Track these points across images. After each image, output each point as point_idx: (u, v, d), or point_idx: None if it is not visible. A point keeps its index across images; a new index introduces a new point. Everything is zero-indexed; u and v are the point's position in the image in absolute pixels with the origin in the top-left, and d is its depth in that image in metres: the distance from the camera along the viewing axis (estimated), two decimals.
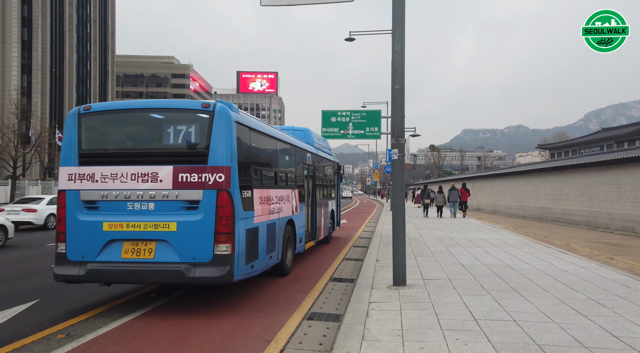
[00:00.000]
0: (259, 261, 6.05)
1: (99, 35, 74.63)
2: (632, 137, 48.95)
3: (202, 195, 5.17)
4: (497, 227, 14.88)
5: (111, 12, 79.20)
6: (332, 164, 12.23)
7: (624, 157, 20.40)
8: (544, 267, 7.26)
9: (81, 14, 68.89)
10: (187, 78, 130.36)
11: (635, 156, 19.63)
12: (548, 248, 9.59)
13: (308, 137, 10.39)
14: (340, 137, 29.37)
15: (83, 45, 69.68)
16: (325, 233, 10.98)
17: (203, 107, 5.36)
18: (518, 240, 11.11)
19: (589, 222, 23.29)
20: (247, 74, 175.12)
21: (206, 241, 5.10)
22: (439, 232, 12.95)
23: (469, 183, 46.48)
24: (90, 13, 71.38)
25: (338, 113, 29.01)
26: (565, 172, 26.34)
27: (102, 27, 76.23)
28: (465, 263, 7.73)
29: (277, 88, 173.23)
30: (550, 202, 28.07)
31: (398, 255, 6.07)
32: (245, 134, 5.89)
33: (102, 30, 76.27)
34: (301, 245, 8.72)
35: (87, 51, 70.62)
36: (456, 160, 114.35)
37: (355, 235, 13.56)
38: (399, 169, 6.22)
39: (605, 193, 22.18)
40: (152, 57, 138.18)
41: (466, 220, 18.17)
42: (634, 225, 19.94)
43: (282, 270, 7.42)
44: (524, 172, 32.72)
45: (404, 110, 6.22)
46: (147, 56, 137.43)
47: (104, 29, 77.08)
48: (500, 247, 9.86)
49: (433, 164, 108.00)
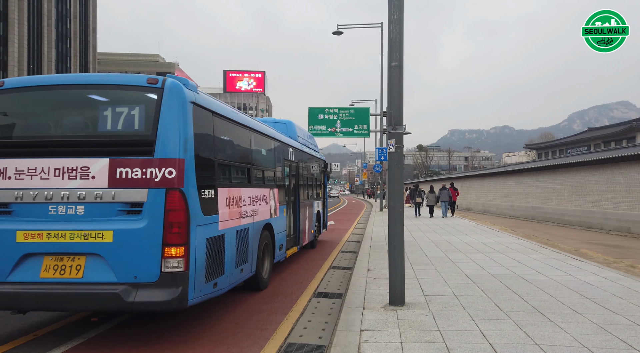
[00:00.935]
0: (225, 277, 4.91)
1: (79, 31, 72.20)
2: (618, 136, 49.05)
3: (146, 195, 4.01)
4: (494, 229, 13.95)
5: (92, 8, 76.74)
6: (318, 161, 11.15)
7: (619, 155, 19.78)
8: (563, 279, 6.26)
9: (60, 9, 66.49)
10: None
11: (630, 154, 19.00)
12: (557, 254, 8.63)
13: (291, 131, 9.27)
14: (327, 135, 28.28)
15: (62, 41, 67.26)
16: (310, 237, 9.88)
17: (149, 83, 4.19)
18: (521, 244, 10.15)
19: (582, 222, 22.68)
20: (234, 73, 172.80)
21: (151, 255, 3.94)
22: (434, 235, 11.95)
23: (457, 183, 45.88)
24: (70, 8, 68.94)
25: (326, 110, 27.91)
26: (557, 171, 25.74)
27: (82, 22, 73.78)
28: (471, 274, 6.69)
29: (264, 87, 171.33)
30: (541, 202, 27.48)
31: (396, 269, 4.98)
32: (207, 120, 4.73)
33: (82, 26, 73.81)
34: (281, 253, 7.58)
35: (66, 47, 68.18)
36: (444, 160, 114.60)
37: (344, 239, 12.48)
38: (397, 163, 5.13)
39: (599, 192, 21.57)
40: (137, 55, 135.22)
41: (460, 222, 17.24)
42: (630, 225, 19.32)
43: (257, 284, 6.27)
44: (514, 172, 32.13)
45: (402, 93, 5.14)
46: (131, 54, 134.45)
47: (84, 24, 74.62)
48: (505, 252, 8.87)
49: (421, 164, 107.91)
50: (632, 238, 17.93)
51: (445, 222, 17.05)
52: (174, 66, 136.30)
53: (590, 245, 14.44)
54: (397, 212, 5.07)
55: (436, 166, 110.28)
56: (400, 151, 5.15)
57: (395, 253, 5.03)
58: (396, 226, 5.06)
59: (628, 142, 43.10)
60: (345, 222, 19.14)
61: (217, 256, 4.70)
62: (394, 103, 5.12)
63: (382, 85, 24.99)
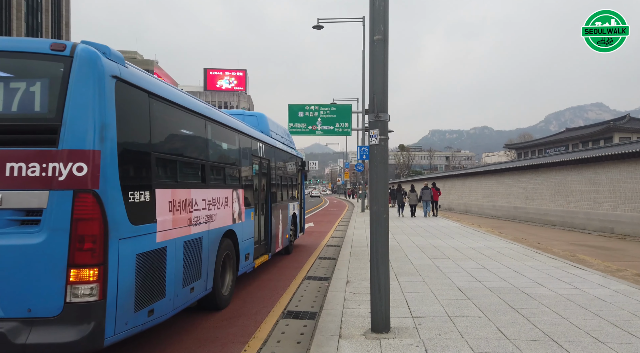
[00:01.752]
0: (167, 300, 3.90)
1: (51, 26, 69.12)
2: (595, 137, 49.74)
3: (46, 200, 2.97)
4: (480, 231, 13.24)
5: (65, 2, 73.61)
6: (294, 159, 10.20)
7: (602, 154, 19.50)
8: (570, 293, 5.47)
9: (31, 2, 63.38)
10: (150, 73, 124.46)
11: (614, 154, 18.73)
12: (554, 260, 7.90)
13: (262, 125, 8.27)
14: (308, 133, 27.31)
15: (33, 36, 64.23)
16: (284, 242, 8.91)
17: (54, 49, 3.14)
18: (512, 248, 9.42)
19: (564, 222, 22.41)
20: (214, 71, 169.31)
21: (52, 280, 2.92)
22: (419, 239, 11.13)
23: (439, 183, 45.57)
24: (41, 1, 65.84)
25: (306, 107, 26.94)
26: (539, 171, 25.48)
27: (55, 16, 70.67)
28: (464, 287, 5.84)
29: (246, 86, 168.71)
30: (523, 202, 27.23)
31: (380, 290, 4.06)
32: (139, 102, 3.70)
33: (55, 20, 70.72)
34: (248, 263, 6.58)
35: None
36: (425, 160, 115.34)
37: (323, 243, 11.55)
38: (381, 159, 4.21)
39: (581, 192, 21.30)
40: None
41: (444, 223, 16.53)
42: (613, 225, 19.05)
43: (215, 303, 5.26)
44: (496, 171, 31.88)
45: (387, 73, 4.23)
46: None
47: (57, 18, 71.51)
48: (497, 259, 8.09)
49: (403, 164, 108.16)
50: (617, 238, 17.60)
51: (429, 224, 16.32)
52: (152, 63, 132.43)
53: (577, 246, 13.99)
54: (382, 219, 4.15)
55: (418, 166, 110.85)
56: (385, 144, 4.24)
57: (379, 270, 4.10)
58: (380, 236, 4.13)
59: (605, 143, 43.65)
60: (326, 224, 18.22)
61: (154, 275, 3.69)
62: (377, 85, 4.20)
63: (363, 83, 24.20)
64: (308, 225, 17.09)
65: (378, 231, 4.13)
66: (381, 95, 4.20)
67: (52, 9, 69.00)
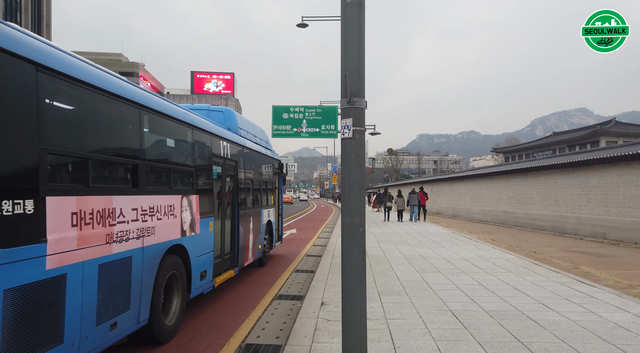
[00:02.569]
0: (66, 348, 2.88)
1: (30, 26, 67.06)
2: (582, 141, 49.87)
3: None
4: (472, 239, 12.39)
5: (46, 2, 71.63)
6: (269, 161, 9.23)
7: (594, 158, 18.95)
8: (585, 319, 4.58)
9: (9, 0, 61.42)
10: (136, 76, 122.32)
11: (605, 157, 18.18)
12: (556, 274, 7.05)
13: (230, 122, 7.28)
14: (292, 135, 26.34)
15: None
16: (257, 254, 7.90)
17: None
18: (508, 259, 8.57)
19: (555, 227, 21.82)
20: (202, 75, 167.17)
21: None
22: (406, 248, 10.23)
23: (428, 187, 44.99)
24: (20, 1, 63.86)
25: (291, 109, 25.98)
26: (528, 175, 24.92)
27: (35, 16, 68.64)
28: (459, 311, 4.92)
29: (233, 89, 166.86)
30: (513, 206, 26.65)
31: (353, 326, 3.09)
32: (17, 75, 2.69)
33: (35, 20, 68.68)
34: (205, 283, 5.56)
35: None
36: (413, 164, 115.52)
37: (302, 252, 10.57)
38: (356, 156, 3.25)
39: (572, 196, 20.74)
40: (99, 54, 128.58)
41: (433, 229, 15.68)
42: (605, 230, 18.46)
43: (154, 337, 4.24)
44: (484, 175, 31.32)
45: (363, 47, 3.29)
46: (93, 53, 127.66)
47: (37, 19, 69.48)
48: (493, 272, 7.22)
49: (391, 168, 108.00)
50: (610, 244, 17.00)
51: (417, 230, 15.46)
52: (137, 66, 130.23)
53: (571, 253, 13.32)
54: (356, 233, 3.18)
55: (406, 170, 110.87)
56: (361, 137, 3.29)
57: (352, 302, 3.11)
58: (354, 257, 3.15)
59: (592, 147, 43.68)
60: (309, 230, 17.23)
61: (42, 316, 2.68)
62: (350, 62, 3.25)
63: None
64: (289, 232, 16.09)
65: (352, 251, 3.16)
66: (356, 75, 3.25)
67: (32, 8, 67.07)
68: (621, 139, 44.79)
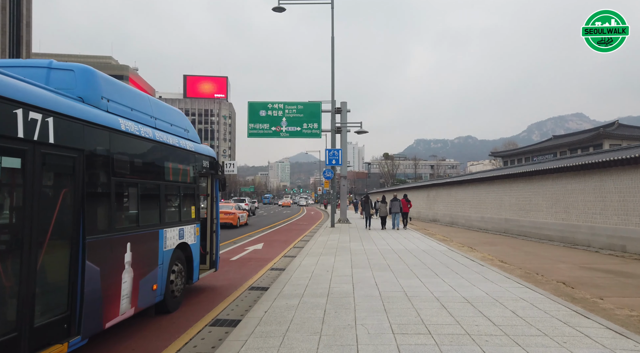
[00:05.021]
0: None
1: (9, 26, 64.62)
2: (584, 144, 47.74)
3: None
4: (476, 260, 9.58)
5: (26, 1, 69.11)
6: (185, 156, 6.36)
7: (610, 159, 16.49)
8: None
9: None
10: (125, 79, 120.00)
11: (624, 158, 15.73)
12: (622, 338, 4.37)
13: (85, 86, 4.51)
14: (270, 135, 23.79)
15: None
16: (145, 300, 5.15)
17: None
18: (535, 302, 5.54)
19: (564, 237, 19.34)
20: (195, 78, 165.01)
21: None
22: (387, 277, 7.45)
23: (423, 192, 42.51)
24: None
25: (269, 105, 23.45)
26: (533, 179, 22.49)
27: (14, 16, 66.17)
28: None
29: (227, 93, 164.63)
30: (516, 214, 24.20)
31: None
32: None
33: (14, 20, 66.21)
34: None
35: None
36: (410, 169, 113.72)
37: (248, 283, 7.80)
38: None
39: (585, 203, 18.27)
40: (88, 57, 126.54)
41: (427, 245, 13.02)
42: (625, 242, 15.97)
43: None
44: (484, 179, 28.86)
45: None
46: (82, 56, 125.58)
47: (16, 18, 66.99)
48: (518, 338, 4.30)
49: (387, 173, 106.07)
50: (633, 260, 14.50)
51: (406, 246, 12.83)
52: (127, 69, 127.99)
53: (591, 271, 10.94)
54: None
55: (402, 175, 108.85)
56: None
57: None
58: None
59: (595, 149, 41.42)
60: (278, 246, 14.56)
61: None
62: None
63: (333, 74, 20.83)
64: (253, 247, 13.43)
65: None
66: None
67: (10, 7, 64.64)
68: (625, 142, 42.67)
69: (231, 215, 21.73)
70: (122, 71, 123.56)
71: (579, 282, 9.40)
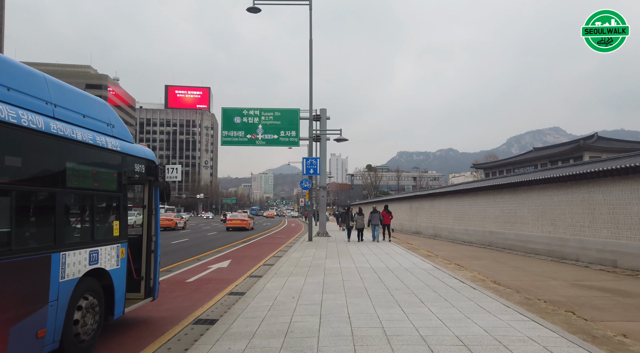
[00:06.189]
0: None
1: None
2: (565, 156, 47.97)
3: None
4: (466, 282, 8.31)
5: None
6: (107, 156, 5.07)
7: (598, 169, 15.76)
8: None
9: None
10: (104, 89, 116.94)
11: (613, 168, 15.01)
12: None
13: None
14: (246, 143, 22.43)
15: None
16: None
17: None
18: (547, 343, 4.58)
19: (551, 251, 18.50)
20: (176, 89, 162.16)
21: None
22: (363, 306, 6.06)
23: (406, 203, 41.60)
24: None
25: (244, 112, 22.13)
26: (518, 190, 21.74)
27: None
28: None
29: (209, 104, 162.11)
30: (501, 226, 23.38)
31: None
32: None
33: None
34: None
35: None
36: (393, 181, 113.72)
37: (192, 316, 6.13)
38: None
39: (572, 215, 17.50)
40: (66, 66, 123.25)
41: (410, 263, 11.84)
42: (616, 257, 15.14)
43: None
44: (468, 191, 28.07)
45: None
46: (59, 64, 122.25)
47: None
48: None
49: (370, 184, 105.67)
50: (626, 275, 13.64)
51: (387, 263, 11.61)
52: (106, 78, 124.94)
53: (586, 290, 10.04)
54: None
55: (385, 186, 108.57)
56: None
57: None
58: None
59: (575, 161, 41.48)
60: (249, 261, 13.12)
61: None
62: None
63: (311, 80, 19.73)
64: (217, 265, 11.97)
65: None
66: None
67: None
68: (604, 154, 42.97)
69: (271, 213, 20.93)
70: (101, 80, 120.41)
71: (576, 303, 8.46)
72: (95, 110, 4.97)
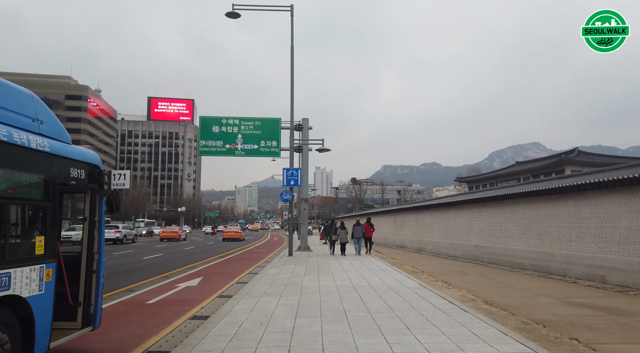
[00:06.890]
0: None
1: None
2: (547, 170, 48.42)
3: None
4: (456, 304, 7.54)
5: None
6: (30, 158, 4.09)
7: (585, 182, 15.42)
8: None
9: None
10: (84, 100, 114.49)
11: (600, 181, 14.67)
12: None
13: None
14: (225, 153, 21.53)
15: None
16: None
17: None
18: None
19: (538, 266, 18.02)
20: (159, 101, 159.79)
21: None
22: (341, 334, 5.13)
23: (390, 217, 41.04)
24: None
25: (223, 121, 21.29)
26: (503, 203, 21.35)
27: None
28: None
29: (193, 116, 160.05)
30: (486, 240, 22.90)
31: None
32: None
33: None
34: None
35: None
36: (377, 194, 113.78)
37: (140, 348, 5.27)
38: None
39: (559, 229, 17.09)
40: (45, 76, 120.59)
41: (394, 281, 11.06)
42: (604, 272, 14.69)
43: None
44: (452, 204, 27.66)
45: None
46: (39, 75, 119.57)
47: None
48: None
49: (355, 198, 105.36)
50: (616, 292, 13.16)
51: (369, 281, 10.82)
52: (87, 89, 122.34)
53: (576, 308, 9.46)
54: None
55: (370, 200, 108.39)
56: None
57: None
58: None
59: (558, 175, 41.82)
60: (222, 279, 12.15)
61: None
62: None
63: (292, 88, 19.09)
64: (185, 284, 10.96)
65: None
66: None
67: None
68: (586, 168, 43.49)
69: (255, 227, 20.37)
70: (81, 91, 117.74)
71: (569, 323, 7.87)
72: (14, 101, 4.10)
